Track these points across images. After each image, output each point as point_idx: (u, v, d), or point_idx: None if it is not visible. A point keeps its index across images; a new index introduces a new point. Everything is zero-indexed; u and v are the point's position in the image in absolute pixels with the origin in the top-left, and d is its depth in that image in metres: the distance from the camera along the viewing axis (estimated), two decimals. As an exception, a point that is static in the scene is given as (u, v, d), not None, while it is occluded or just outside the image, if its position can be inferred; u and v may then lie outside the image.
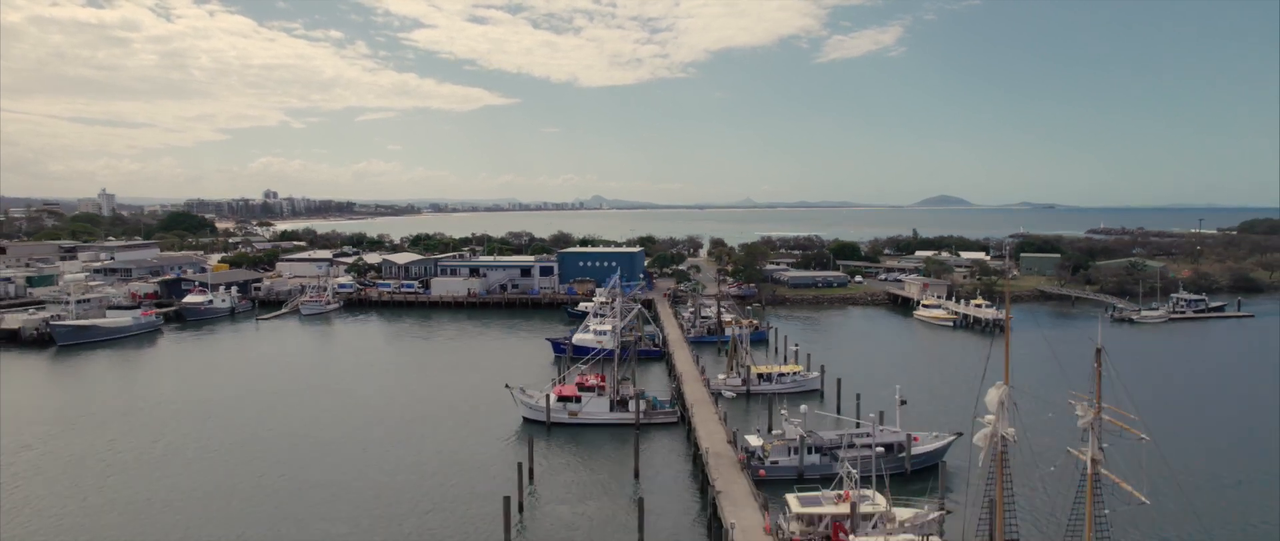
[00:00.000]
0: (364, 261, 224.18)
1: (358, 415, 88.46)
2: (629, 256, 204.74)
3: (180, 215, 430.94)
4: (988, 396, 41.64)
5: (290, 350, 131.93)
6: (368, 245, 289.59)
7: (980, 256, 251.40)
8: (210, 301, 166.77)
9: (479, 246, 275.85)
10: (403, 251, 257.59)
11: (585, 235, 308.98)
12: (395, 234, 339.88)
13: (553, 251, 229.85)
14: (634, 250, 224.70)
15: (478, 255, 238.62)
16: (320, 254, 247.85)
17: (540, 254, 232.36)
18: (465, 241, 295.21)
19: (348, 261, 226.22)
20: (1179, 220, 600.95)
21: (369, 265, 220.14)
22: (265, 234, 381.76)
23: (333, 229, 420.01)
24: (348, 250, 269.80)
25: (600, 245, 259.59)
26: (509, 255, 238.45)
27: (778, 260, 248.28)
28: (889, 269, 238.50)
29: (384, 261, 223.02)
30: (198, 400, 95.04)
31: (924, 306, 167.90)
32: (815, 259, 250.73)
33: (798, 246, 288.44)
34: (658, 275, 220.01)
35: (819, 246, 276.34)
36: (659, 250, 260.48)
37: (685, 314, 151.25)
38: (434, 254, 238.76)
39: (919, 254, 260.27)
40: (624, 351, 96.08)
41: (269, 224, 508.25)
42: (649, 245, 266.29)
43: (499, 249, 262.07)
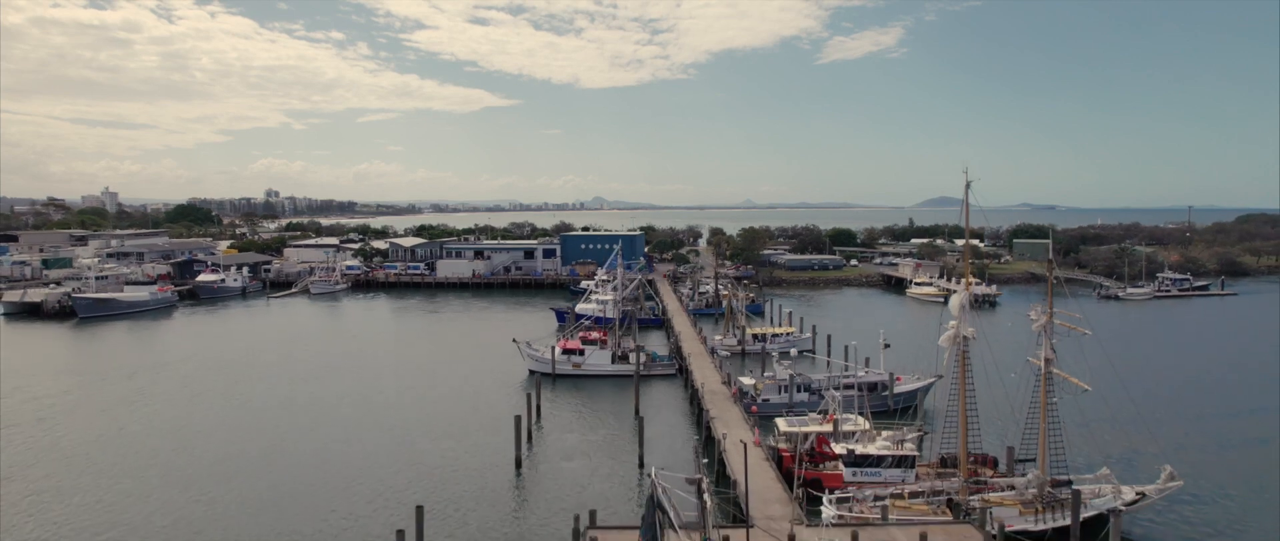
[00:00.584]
0: (371, 246, 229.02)
1: (372, 368, 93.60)
2: (630, 239, 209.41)
3: (186, 208, 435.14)
4: (951, 302, 46.98)
5: (302, 322, 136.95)
6: (373, 235, 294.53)
7: (975, 243, 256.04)
8: (222, 281, 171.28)
9: (482, 235, 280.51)
10: (408, 237, 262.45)
11: (586, 224, 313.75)
12: (398, 228, 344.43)
13: (555, 236, 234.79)
14: (635, 233, 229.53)
15: (481, 241, 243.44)
16: (327, 240, 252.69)
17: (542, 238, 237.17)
18: (469, 232, 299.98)
19: (354, 247, 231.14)
20: (1178, 220, 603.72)
21: (376, 249, 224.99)
22: (271, 226, 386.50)
23: (337, 223, 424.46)
24: (353, 237, 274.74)
25: (602, 232, 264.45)
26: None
27: (775, 246, 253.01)
28: (884, 253, 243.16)
29: (391, 245, 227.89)
30: (219, 358, 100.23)
31: (916, 284, 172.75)
32: (811, 243, 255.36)
33: (795, 235, 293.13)
34: (658, 260, 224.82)
35: (816, 234, 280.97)
36: (659, 238, 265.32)
37: (684, 290, 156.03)
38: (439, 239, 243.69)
39: (914, 241, 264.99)
40: (625, 318, 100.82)
41: (274, 219, 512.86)
42: (650, 233, 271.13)
43: (501, 238, 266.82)
